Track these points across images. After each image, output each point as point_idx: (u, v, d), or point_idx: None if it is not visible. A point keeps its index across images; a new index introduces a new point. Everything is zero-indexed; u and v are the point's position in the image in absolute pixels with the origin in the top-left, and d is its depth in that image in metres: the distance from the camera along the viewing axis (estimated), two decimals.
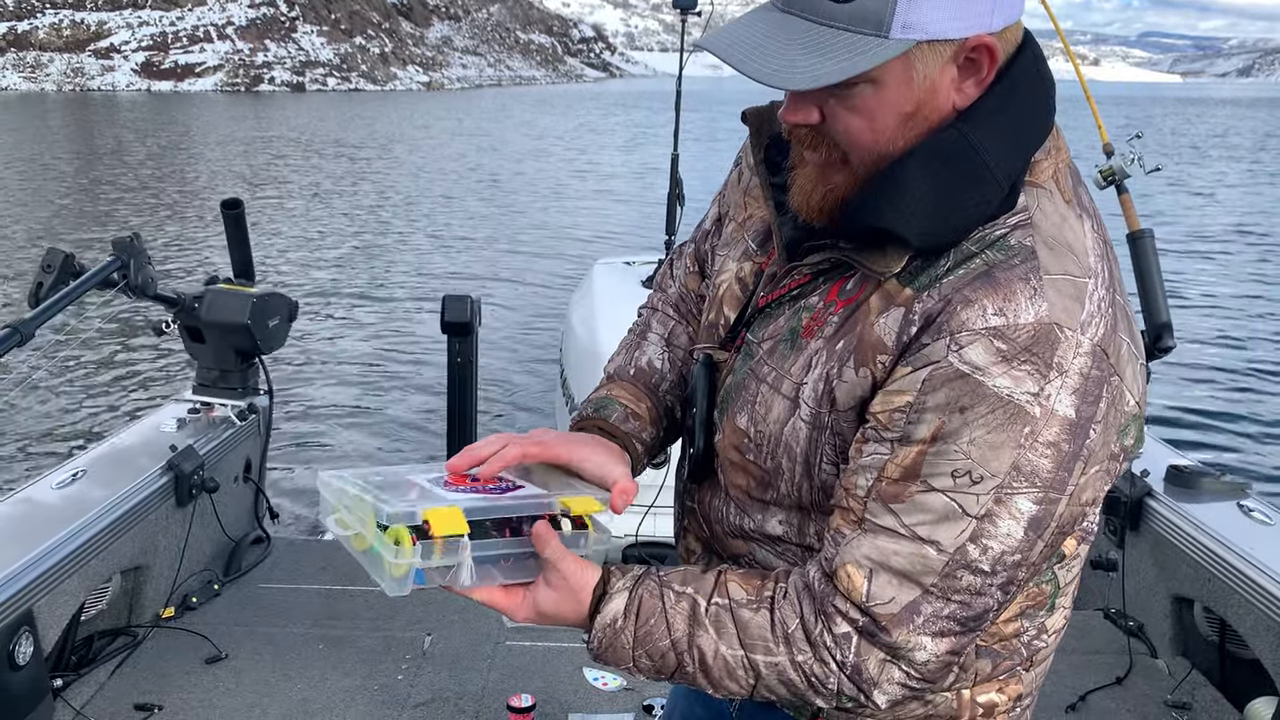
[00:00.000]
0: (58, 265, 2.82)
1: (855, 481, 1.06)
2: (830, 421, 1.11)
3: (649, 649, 1.11)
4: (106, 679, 2.84)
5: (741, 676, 1.10)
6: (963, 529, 1.01)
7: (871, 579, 1.04)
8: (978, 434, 0.99)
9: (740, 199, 1.33)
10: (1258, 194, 24.99)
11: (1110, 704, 2.83)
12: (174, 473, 3.13)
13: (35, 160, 27.37)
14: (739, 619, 1.10)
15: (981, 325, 1.00)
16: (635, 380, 1.39)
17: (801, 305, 1.16)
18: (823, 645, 1.06)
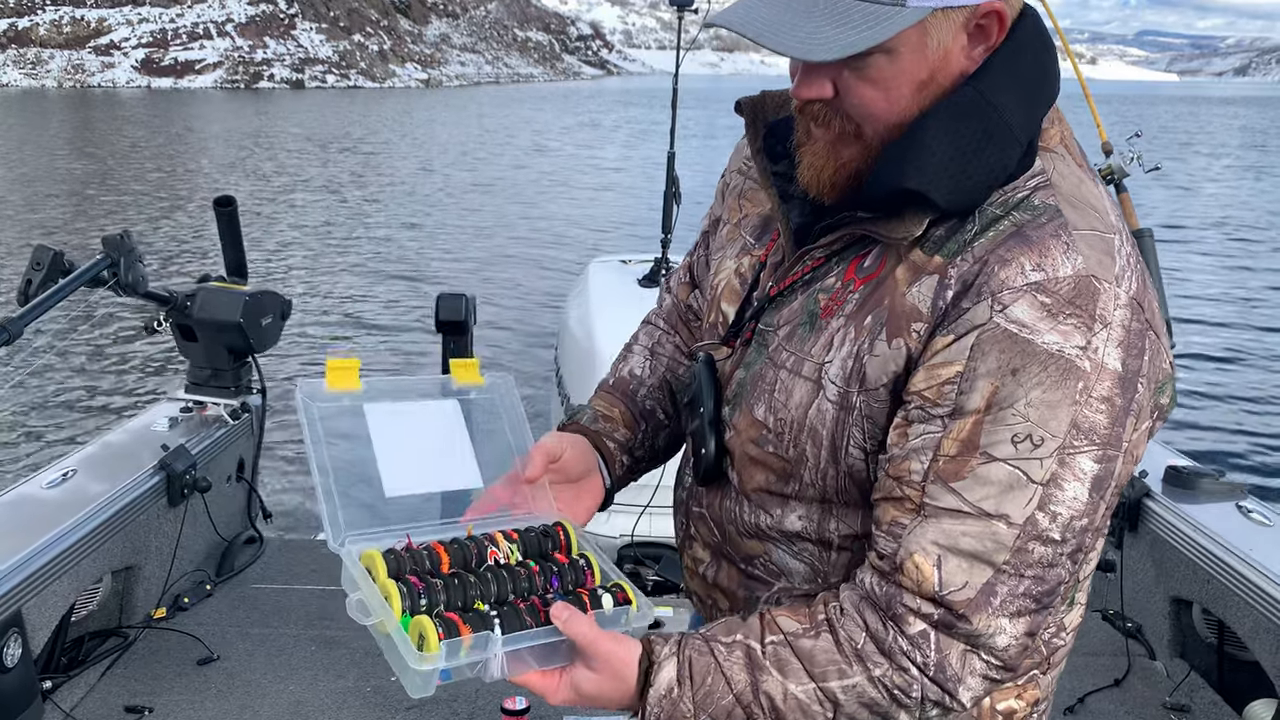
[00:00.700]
0: (47, 263, 2.80)
1: (908, 467, 1.03)
2: (859, 402, 1.08)
3: (712, 711, 1.05)
4: (97, 680, 2.82)
5: (819, 713, 1.04)
6: (1030, 497, 0.99)
7: (941, 566, 1.00)
8: (1034, 394, 0.98)
9: (734, 202, 1.34)
10: (1236, 189, 24.99)
11: (1108, 706, 2.81)
12: (166, 472, 3.11)
13: (30, 156, 27.32)
14: (801, 650, 1.05)
15: (1022, 282, 0.99)
16: (614, 389, 1.42)
17: (817, 288, 1.14)
18: (899, 651, 1.02)
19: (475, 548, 1.15)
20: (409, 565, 1.11)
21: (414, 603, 1.06)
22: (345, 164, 27.39)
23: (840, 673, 1.03)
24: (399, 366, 9.22)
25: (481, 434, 1.29)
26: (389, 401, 1.24)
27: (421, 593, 1.07)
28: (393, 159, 29.33)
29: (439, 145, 34.71)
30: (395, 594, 1.05)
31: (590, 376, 3.93)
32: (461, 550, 1.14)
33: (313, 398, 1.19)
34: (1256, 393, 9.27)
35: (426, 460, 1.23)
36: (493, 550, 1.15)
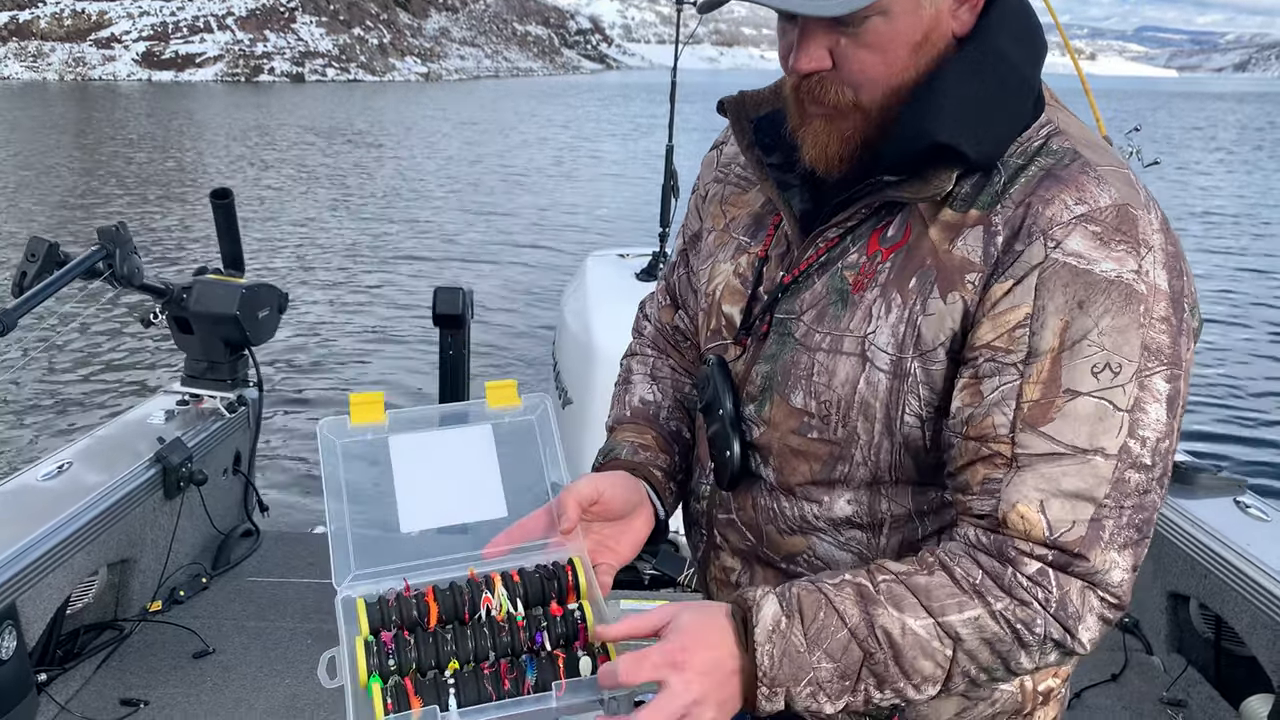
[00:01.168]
0: (42, 254, 2.79)
1: (991, 422, 1.03)
2: (914, 367, 1.08)
3: (828, 647, 1.00)
4: (92, 674, 2.81)
5: (938, 650, 1.00)
6: (1119, 426, 1.00)
7: (1046, 511, 1.00)
8: (1104, 323, 1.00)
9: (716, 209, 1.34)
10: (1241, 179, 25.01)
11: (1105, 701, 2.81)
12: (162, 465, 3.10)
13: (29, 148, 27.28)
14: (915, 586, 1.02)
15: (1069, 216, 1.02)
16: (634, 419, 1.38)
17: (839, 267, 1.14)
18: (1020, 586, 1.01)
19: (469, 595, 1.10)
20: (394, 617, 1.08)
21: (381, 662, 1.04)
22: (344, 157, 27.36)
23: (960, 605, 1.01)
24: (396, 361, 9.22)
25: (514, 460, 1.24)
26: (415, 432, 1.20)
27: (390, 653, 1.04)
28: (391, 152, 29.29)
29: (437, 139, 34.68)
30: (361, 654, 1.04)
31: (588, 371, 3.92)
32: (454, 599, 1.10)
33: (335, 434, 1.16)
34: (1256, 389, 9.27)
35: (449, 491, 1.18)
36: (486, 597, 1.10)
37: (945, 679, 1.02)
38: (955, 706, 1.20)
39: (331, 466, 1.14)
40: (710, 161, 1.40)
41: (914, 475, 1.13)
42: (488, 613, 1.10)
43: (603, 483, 1.21)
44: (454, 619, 1.10)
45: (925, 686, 1.02)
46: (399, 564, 1.13)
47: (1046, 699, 1.24)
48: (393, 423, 1.19)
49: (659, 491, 1.28)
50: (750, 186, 1.30)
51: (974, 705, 1.20)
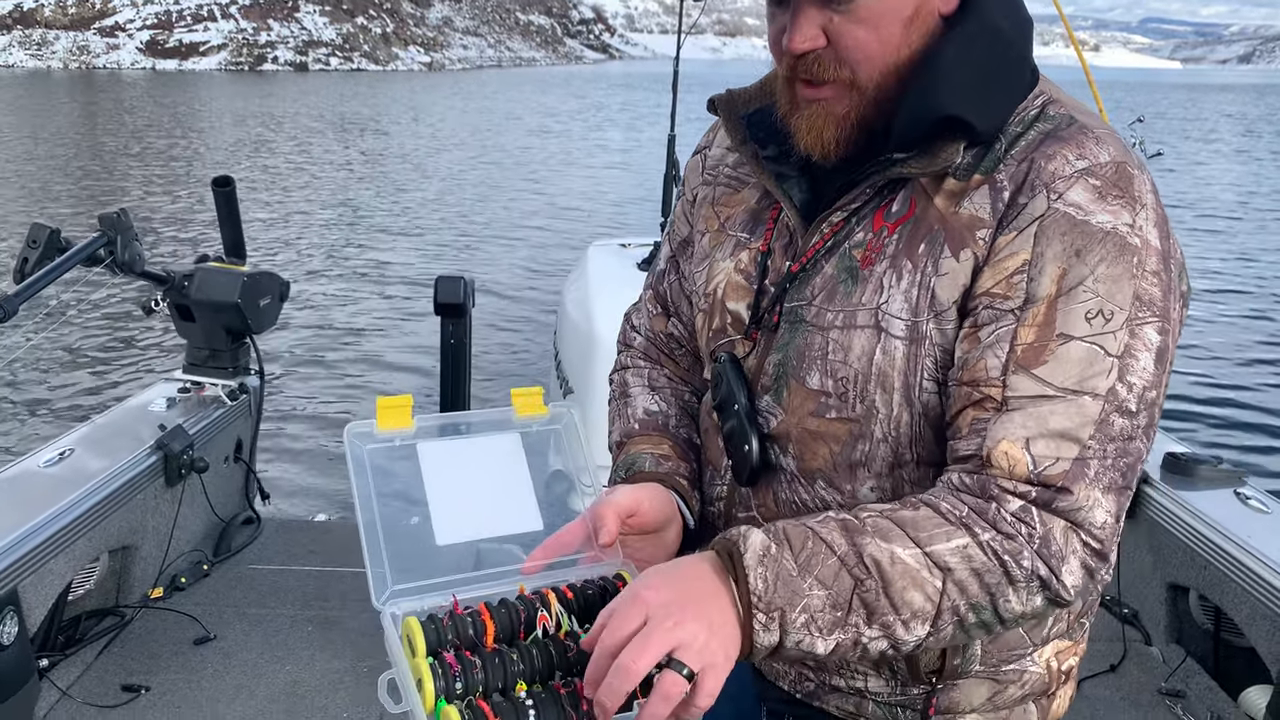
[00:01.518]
0: (43, 241, 2.79)
1: (984, 365, 1.05)
2: (930, 330, 1.09)
3: (819, 574, 0.98)
4: (94, 659, 2.82)
5: (928, 581, 0.99)
6: (1109, 370, 1.02)
7: (1031, 448, 1.02)
8: (1099, 270, 1.03)
9: (708, 211, 1.33)
10: (1228, 172, 24.98)
11: (1104, 692, 2.81)
12: (163, 452, 3.11)
13: (32, 136, 27.27)
14: (901, 519, 1.01)
15: (1070, 170, 1.05)
16: (644, 431, 1.35)
17: (846, 246, 1.15)
18: (1004, 520, 1.01)
19: (524, 612, 1.06)
20: (450, 636, 1.02)
21: (449, 685, 0.98)
22: (346, 146, 27.34)
23: (947, 535, 1.00)
24: (397, 350, 9.22)
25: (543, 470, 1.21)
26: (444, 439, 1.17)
27: (457, 675, 0.98)
28: (393, 142, 29.27)
29: (439, 128, 34.64)
30: (427, 676, 0.97)
31: (589, 360, 3.92)
32: (509, 616, 1.05)
33: (361, 440, 1.13)
34: (1256, 380, 9.26)
35: (482, 502, 1.15)
36: (542, 615, 1.06)
37: (935, 615, 1.00)
38: (987, 690, 1.21)
39: (361, 477, 1.10)
40: (695, 166, 1.39)
41: (935, 452, 1.12)
42: (544, 631, 1.06)
43: (641, 494, 1.19)
44: (511, 637, 1.05)
45: (914, 624, 0.99)
46: (436, 578, 1.09)
47: (1068, 677, 1.26)
48: (420, 429, 1.15)
49: (686, 501, 1.26)
50: (742, 185, 1.30)
51: (1005, 688, 1.21)
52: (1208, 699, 2.76)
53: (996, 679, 1.20)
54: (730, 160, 1.33)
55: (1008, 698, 1.22)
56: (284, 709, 2.64)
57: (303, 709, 2.65)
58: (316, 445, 6.87)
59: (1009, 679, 1.21)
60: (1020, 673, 1.21)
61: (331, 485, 6.23)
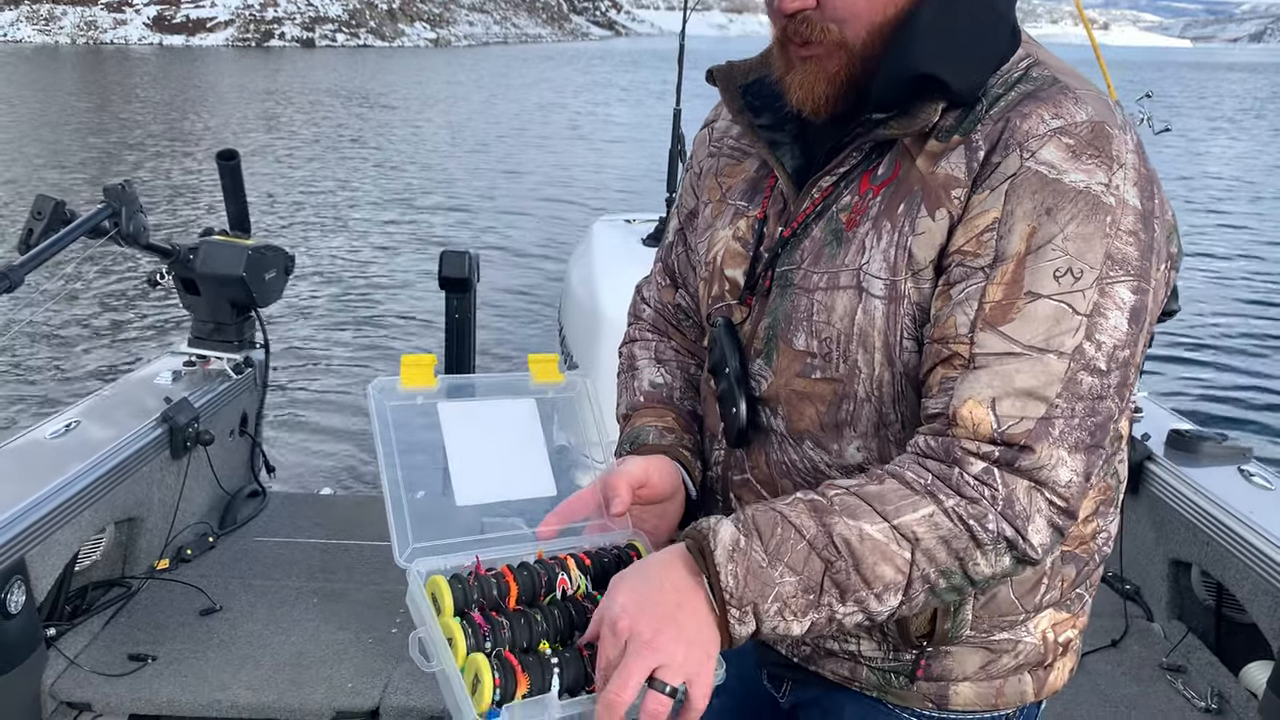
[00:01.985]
0: (48, 212, 2.79)
1: (953, 323, 1.05)
2: (908, 289, 1.10)
3: (789, 561, 1.00)
4: (101, 629, 2.84)
5: (897, 553, 1.00)
6: (1076, 327, 1.02)
7: (995, 407, 1.02)
8: (1069, 228, 1.02)
9: (711, 182, 1.36)
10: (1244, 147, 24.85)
11: (1105, 666, 2.82)
12: (168, 425, 3.12)
13: (39, 110, 27.23)
14: (867, 494, 1.03)
15: (1044, 129, 1.05)
16: (649, 403, 1.38)
17: (833, 210, 1.17)
18: (966, 484, 1.02)
19: (545, 575, 1.09)
20: (476, 595, 1.05)
21: (479, 644, 1.01)
22: (352, 121, 27.27)
23: (913, 505, 1.01)
24: (402, 325, 9.23)
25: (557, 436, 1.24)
26: (464, 400, 1.20)
27: (487, 635, 1.01)
28: (400, 116, 29.18)
29: (446, 104, 34.53)
30: (459, 634, 1.00)
31: (594, 336, 3.92)
32: (531, 578, 1.08)
33: (386, 396, 1.14)
34: (1260, 357, 9.25)
35: (500, 465, 1.18)
36: (562, 579, 1.09)
37: (906, 585, 1.01)
38: (981, 659, 1.21)
39: (385, 432, 1.11)
40: (703, 139, 1.42)
41: (919, 413, 1.13)
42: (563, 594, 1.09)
43: (650, 466, 1.22)
44: (531, 600, 1.08)
45: (887, 596, 1.01)
46: (455, 538, 1.11)
47: (1065, 650, 1.26)
48: (442, 388, 1.18)
49: (689, 472, 1.29)
50: (744, 156, 1.32)
51: (998, 658, 1.21)
52: (1209, 674, 2.77)
53: (989, 648, 1.21)
54: (734, 133, 1.35)
55: (1001, 667, 1.22)
56: (289, 679, 2.66)
57: (308, 679, 2.67)
58: (321, 419, 6.89)
59: (1002, 648, 1.21)
60: (1014, 642, 1.21)
61: (337, 459, 6.26)
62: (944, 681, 1.22)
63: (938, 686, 1.23)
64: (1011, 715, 1.27)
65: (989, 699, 1.23)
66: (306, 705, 2.59)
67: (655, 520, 1.22)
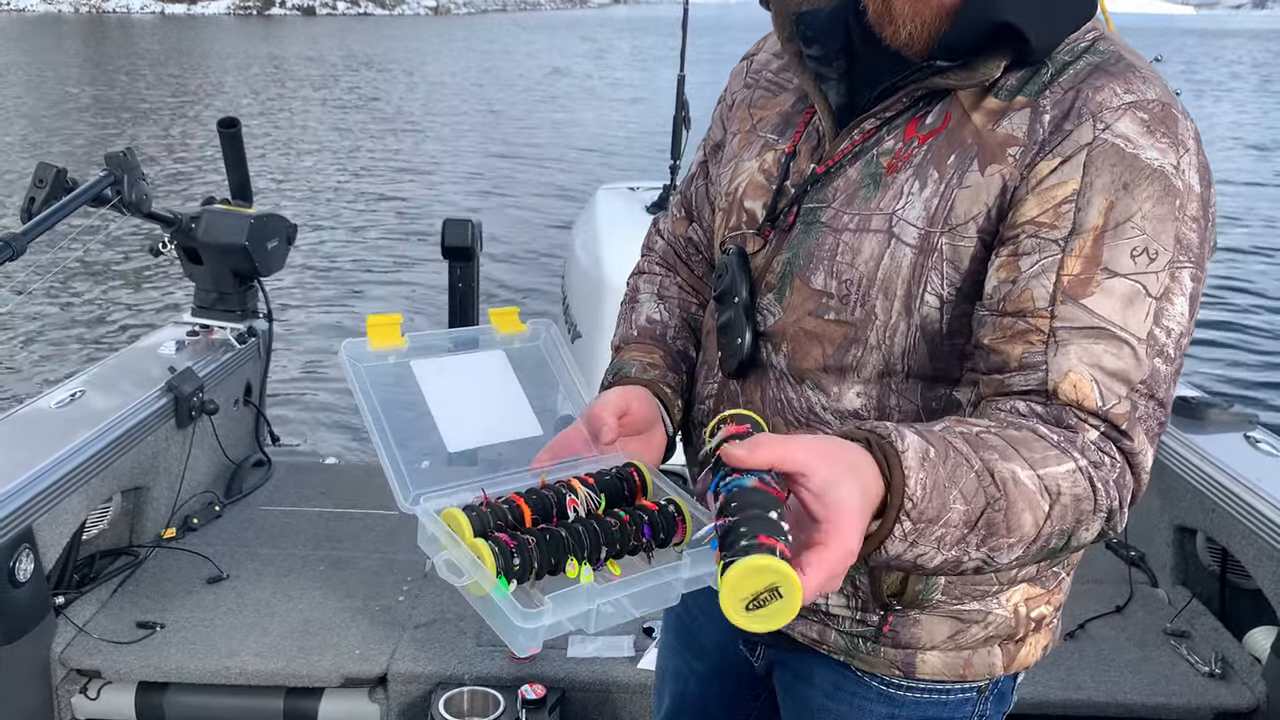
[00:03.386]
0: (50, 180, 2.77)
1: (1030, 295, 1.02)
2: (941, 243, 1.08)
3: (963, 487, 0.90)
4: (109, 597, 2.85)
5: (1040, 505, 0.93)
6: (1147, 311, 1.01)
7: (1097, 384, 0.99)
8: (1146, 208, 1.01)
9: (743, 113, 1.33)
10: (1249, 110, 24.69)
11: (1109, 632, 2.83)
12: (173, 394, 3.12)
13: (41, 78, 27.09)
14: (1011, 437, 0.95)
15: (1118, 102, 1.04)
16: (640, 338, 1.38)
17: (874, 153, 1.14)
18: (1090, 448, 0.98)
19: (554, 497, 1.08)
20: (492, 521, 1.04)
21: (508, 562, 0.98)
22: (353, 90, 27.11)
23: (1058, 459, 0.95)
24: (406, 294, 9.22)
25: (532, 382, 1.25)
26: (435, 356, 1.21)
27: (514, 551, 0.99)
28: (400, 85, 29.02)
29: (447, 71, 34.32)
30: (487, 554, 0.97)
31: (597, 304, 3.92)
32: (542, 501, 1.07)
33: (358, 358, 1.15)
34: (1267, 324, 9.23)
35: (483, 412, 1.19)
36: (571, 499, 1.08)
37: (1033, 540, 0.94)
38: (949, 629, 1.21)
39: (364, 391, 1.13)
40: (739, 71, 1.40)
41: (926, 367, 1.13)
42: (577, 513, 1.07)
43: (628, 394, 1.22)
44: (546, 520, 1.07)
45: (1015, 548, 0.94)
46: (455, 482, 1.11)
47: (1039, 626, 1.25)
48: (412, 346, 1.19)
49: (668, 409, 1.29)
50: (780, 90, 1.30)
51: (967, 628, 1.21)
52: (1212, 639, 2.78)
53: (958, 618, 1.20)
54: (774, 66, 1.33)
55: (970, 638, 1.21)
56: (297, 646, 2.68)
57: (315, 646, 2.68)
58: (326, 388, 6.90)
59: (972, 619, 1.21)
60: (984, 614, 1.20)
61: (342, 428, 6.27)
62: (911, 649, 1.22)
63: (905, 654, 1.22)
64: (983, 687, 1.26)
65: (957, 669, 1.23)
66: (314, 672, 2.61)
67: (641, 449, 1.21)
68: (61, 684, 2.62)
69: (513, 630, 0.94)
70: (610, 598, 0.97)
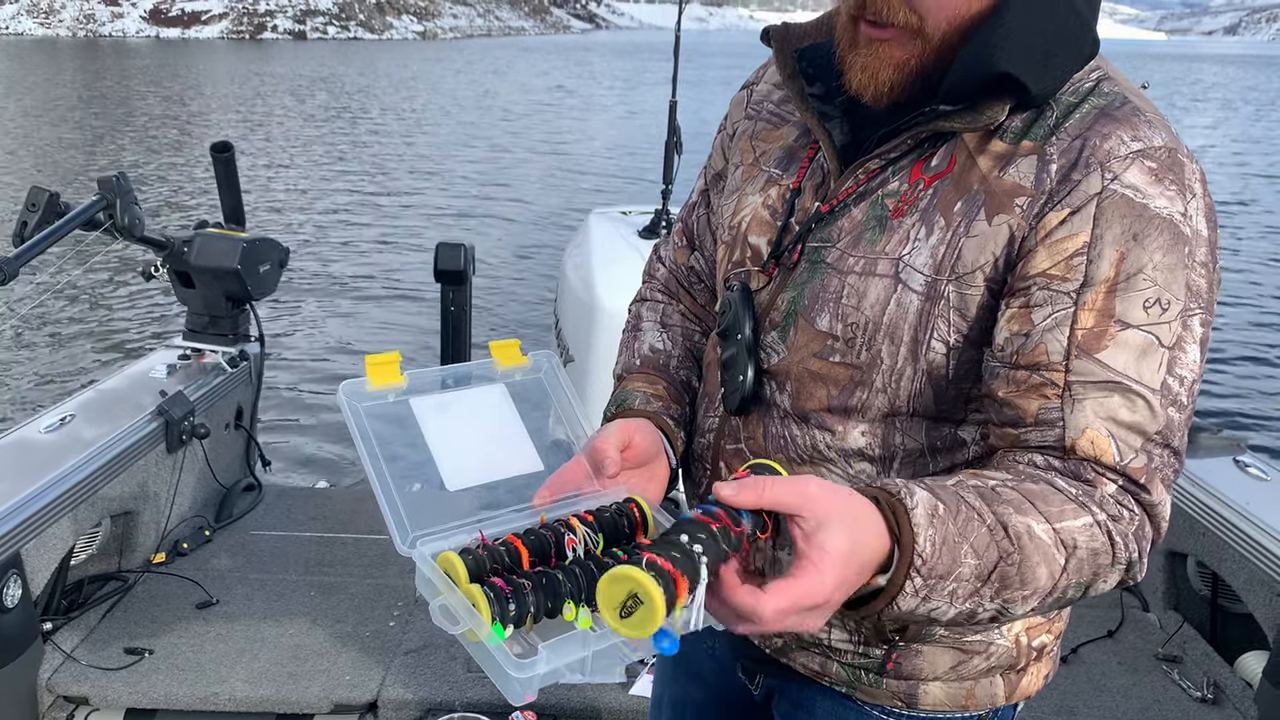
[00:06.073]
0: (42, 204, 2.77)
1: (1045, 349, 1.02)
2: (948, 290, 1.08)
3: (974, 542, 0.92)
4: (97, 623, 2.83)
5: (1055, 559, 0.95)
6: (1160, 362, 1.01)
7: (1113, 439, 1.00)
8: (1157, 258, 1.01)
9: (745, 144, 1.33)
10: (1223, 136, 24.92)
11: (1101, 656, 2.83)
12: (164, 418, 3.11)
13: (38, 102, 27.09)
14: (1027, 491, 0.97)
15: (1126, 151, 1.03)
16: (643, 368, 1.37)
17: (880, 194, 1.14)
18: (1109, 501, 0.99)
19: (553, 536, 1.06)
20: (488, 564, 1.02)
21: (503, 609, 0.96)
22: (345, 114, 27.18)
23: (1075, 513, 0.97)
24: (397, 317, 9.21)
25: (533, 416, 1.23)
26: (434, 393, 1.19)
27: (509, 596, 0.97)
28: (391, 109, 29.09)
29: (438, 96, 34.44)
30: (482, 600, 0.96)
31: (589, 329, 3.91)
32: (539, 542, 1.05)
33: (357, 398, 1.14)
34: (1255, 348, 9.27)
35: (483, 449, 1.18)
36: (570, 538, 1.06)
37: (1049, 593, 0.96)
38: (951, 660, 1.21)
39: (363, 432, 1.11)
40: (740, 100, 1.39)
41: (931, 408, 1.12)
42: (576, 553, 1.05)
43: (630, 427, 1.21)
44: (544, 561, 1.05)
45: (1030, 600, 0.96)
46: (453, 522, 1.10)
47: (1040, 655, 1.25)
48: (411, 384, 1.17)
49: (671, 441, 1.28)
50: (782, 123, 1.30)
51: (970, 658, 1.21)
52: (1204, 664, 2.78)
53: (961, 649, 1.20)
54: (775, 97, 1.33)
55: (972, 669, 1.21)
56: (287, 672, 2.66)
57: (305, 672, 2.66)
58: (317, 413, 6.88)
59: (974, 649, 1.20)
60: (986, 644, 1.20)
61: (332, 453, 6.24)
62: (914, 680, 1.22)
63: (907, 685, 1.22)
64: (984, 717, 1.26)
65: (959, 700, 1.23)
66: (304, 698, 2.59)
67: (644, 482, 1.20)
68: (48, 711, 2.60)
69: (507, 679, 0.93)
70: (606, 644, 0.96)
